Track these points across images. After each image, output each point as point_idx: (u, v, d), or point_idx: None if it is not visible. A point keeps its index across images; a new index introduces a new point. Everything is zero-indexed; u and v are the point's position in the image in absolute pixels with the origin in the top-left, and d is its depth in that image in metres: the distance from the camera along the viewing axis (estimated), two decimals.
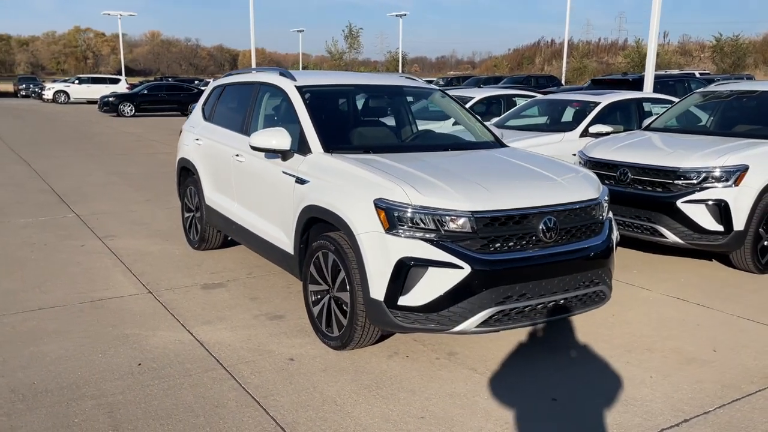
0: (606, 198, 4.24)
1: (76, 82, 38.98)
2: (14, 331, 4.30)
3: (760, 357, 4.10)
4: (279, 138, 4.39)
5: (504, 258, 3.61)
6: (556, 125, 8.77)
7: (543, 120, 9.53)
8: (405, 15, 49.21)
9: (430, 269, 3.53)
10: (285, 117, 4.88)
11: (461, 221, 3.57)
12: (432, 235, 3.55)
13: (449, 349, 4.12)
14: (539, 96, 10.38)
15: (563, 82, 37.50)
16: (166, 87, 30.51)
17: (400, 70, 51.15)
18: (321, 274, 4.13)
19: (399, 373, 3.78)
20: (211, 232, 6.08)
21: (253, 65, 26.81)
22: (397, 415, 3.31)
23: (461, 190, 3.69)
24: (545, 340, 4.33)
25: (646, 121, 7.59)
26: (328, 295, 4.09)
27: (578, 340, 4.32)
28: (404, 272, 3.54)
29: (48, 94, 38.35)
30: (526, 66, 57.77)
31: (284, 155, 4.51)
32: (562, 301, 3.86)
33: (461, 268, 3.51)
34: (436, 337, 4.26)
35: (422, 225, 3.56)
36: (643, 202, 5.93)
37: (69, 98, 38.02)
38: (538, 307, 3.77)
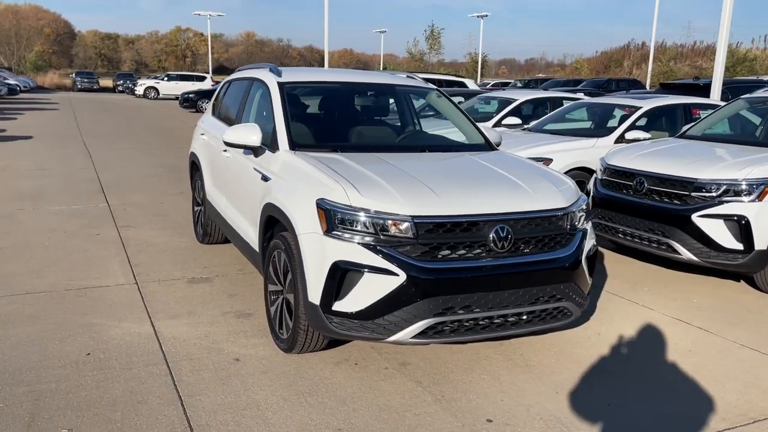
0: (582, 208, 3.93)
1: (165, 78, 40.72)
2: None
3: (747, 391, 3.68)
4: (249, 134, 4.34)
5: (445, 267, 3.40)
6: (597, 130, 8.32)
7: (586, 124, 9.09)
8: (486, 16, 48.54)
9: (366, 275, 3.37)
10: (267, 113, 4.83)
11: (401, 226, 3.39)
12: (370, 239, 3.39)
13: (403, 359, 3.93)
14: (585, 99, 9.89)
15: (647, 86, 35.86)
16: None
17: (479, 72, 50.49)
18: (276, 274, 4.04)
19: (339, 381, 3.64)
20: (213, 226, 6.12)
21: (326, 65, 27.11)
22: (315, 426, 3.18)
23: (407, 193, 3.50)
24: (511, 355, 4.06)
25: (685, 128, 7.06)
26: (282, 296, 4.00)
27: (544, 358, 4.03)
28: (339, 276, 3.40)
29: (139, 90, 40.28)
30: (614, 69, 55.60)
31: (255, 152, 4.46)
32: (514, 317, 3.61)
33: (396, 275, 3.33)
34: (394, 346, 4.08)
35: (361, 228, 3.41)
36: (658, 214, 5.50)
37: (158, 94, 39.74)
38: (486, 321, 3.53)
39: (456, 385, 3.65)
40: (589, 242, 3.95)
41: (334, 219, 3.44)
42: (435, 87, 5.42)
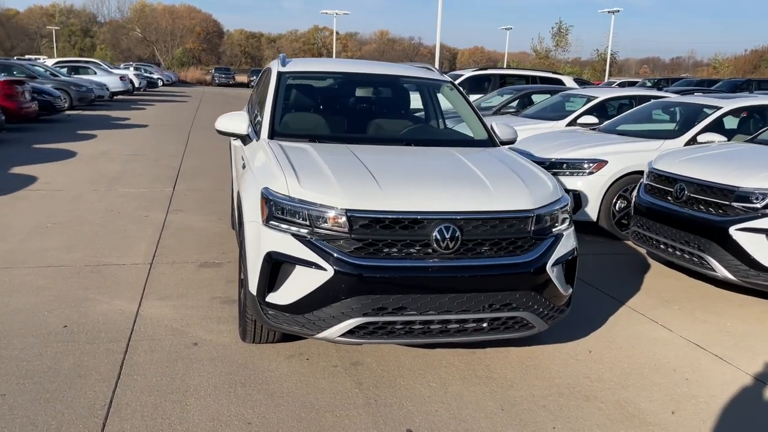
0: (556, 210, 3.59)
1: None
2: (8, 283, 4.81)
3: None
4: (236, 122, 4.37)
5: (377, 264, 3.22)
6: (668, 131, 7.61)
7: (665, 126, 8.36)
8: (618, 11, 46.02)
9: (297, 268, 3.27)
10: (263, 102, 4.85)
11: (336, 219, 3.25)
12: (305, 231, 3.28)
13: (357, 359, 3.78)
14: (671, 98, 9.07)
15: None
16: None
17: (607, 71, 48.06)
18: (240, 263, 4.04)
19: (279, 375, 3.56)
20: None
21: (437, 61, 26.96)
22: (227, 417, 3.13)
23: (348, 186, 3.36)
24: (476, 365, 3.79)
25: (760, 132, 6.27)
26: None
27: (510, 371, 3.72)
28: (272, 268, 3.33)
29: None
30: (765, 68, 50.82)
31: (243, 140, 4.48)
32: (458, 324, 3.36)
33: (324, 270, 3.20)
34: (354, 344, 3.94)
35: (296, 219, 3.31)
36: (694, 225, 4.92)
37: None
38: (424, 325, 3.31)
39: (398, 390, 3.46)
40: (564, 248, 3.60)
41: (272, 209, 3.37)
42: (449, 80, 5.17)
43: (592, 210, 6.87)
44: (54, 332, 3.98)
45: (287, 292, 3.31)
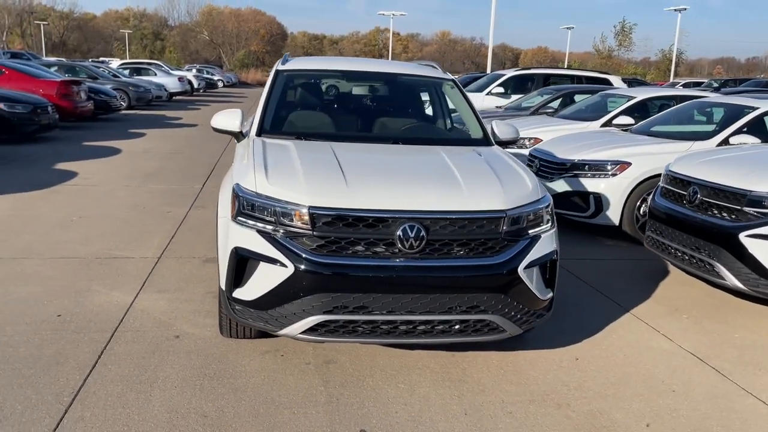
0: (532, 211, 3.48)
1: None
2: (19, 272, 5.00)
3: None
4: (230, 120, 4.42)
5: (338, 262, 3.19)
6: (699, 133, 7.27)
7: (703, 127, 7.99)
8: (684, 10, 44.33)
9: (261, 264, 3.28)
10: None
11: (299, 216, 3.24)
12: (269, 228, 3.29)
13: (331, 357, 3.76)
14: (711, 97, 8.65)
15: None
16: None
17: (672, 71, 46.34)
18: None
19: (249, 370, 3.58)
20: None
21: (488, 62, 26.67)
22: (186, 410, 3.16)
23: (315, 183, 3.35)
24: (451, 368, 3.70)
25: None
26: None
27: (485, 375, 3.62)
28: (237, 263, 3.35)
29: None
30: None
31: (236, 137, 4.52)
32: (423, 325, 3.29)
33: (285, 266, 3.20)
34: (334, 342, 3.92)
35: (262, 215, 3.32)
36: (705, 230, 4.67)
37: None
38: (388, 325, 3.26)
39: (363, 390, 3.42)
40: (542, 250, 3.48)
41: (241, 204, 3.39)
42: (451, 78, 5.08)
43: (614, 213, 6.63)
44: (47, 321, 4.11)
45: (252, 288, 3.32)
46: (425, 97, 5.25)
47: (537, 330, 4.15)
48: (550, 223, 3.61)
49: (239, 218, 3.37)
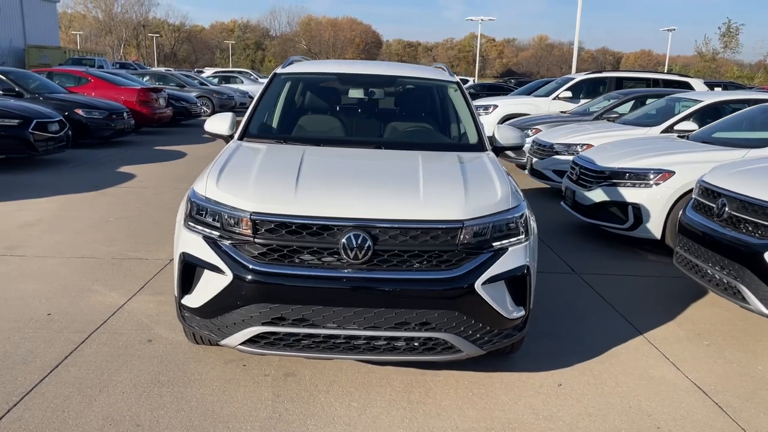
0: (497, 222, 3.19)
1: None
2: (35, 270, 5.18)
3: None
4: (220, 123, 4.39)
5: (277, 272, 3.04)
6: (759, 140, 6.58)
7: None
8: None
9: (206, 271, 3.18)
10: None
11: (241, 222, 3.12)
12: (215, 234, 3.19)
13: (293, 370, 3.61)
14: None
15: None
16: (487, 87, 31.21)
17: None
18: None
19: (205, 380, 3.48)
20: None
21: (573, 65, 25.70)
22: (122, 417, 3.09)
23: (262, 188, 3.23)
24: (415, 388, 3.46)
25: None
26: None
27: (447, 398, 3.35)
28: (184, 269, 3.27)
29: None
30: None
31: (225, 140, 4.48)
32: (367, 341, 3.08)
33: (224, 274, 3.09)
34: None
35: (209, 221, 3.22)
36: (730, 248, 4.17)
37: None
38: (330, 340, 3.08)
39: (312, 407, 3.25)
40: (508, 265, 3.18)
41: (191, 209, 3.32)
42: (455, 81, 4.81)
43: (655, 226, 6.11)
44: (35, 319, 4.21)
45: (198, 295, 3.22)
46: (427, 100, 5.01)
47: (524, 350, 3.85)
48: (523, 235, 3.30)
49: (189, 223, 3.30)
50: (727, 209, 4.31)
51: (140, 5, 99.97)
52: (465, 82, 40.13)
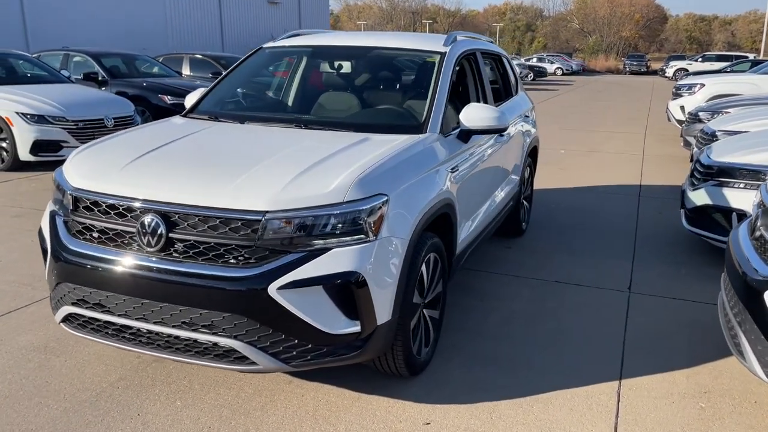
0: (317, 217, 2.64)
1: (700, 59, 37.55)
2: None
3: None
4: (192, 97, 4.32)
5: (81, 251, 2.90)
6: None
7: None
8: None
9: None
10: None
11: (66, 197, 3.05)
12: (57, 207, 3.16)
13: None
14: None
15: None
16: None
17: None
18: None
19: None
20: None
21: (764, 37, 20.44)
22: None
23: (93, 164, 3.15)
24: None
25: None
26: None
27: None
28: (40, 242, 3.28)
29: (669, 72, 38.54)
30: None
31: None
32: (158, 337, 2.79)
33: (47, 250, 3.05)
34: None
35: (56, 196, 3.21)
36: (741, 280, 2.91)
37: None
38: (129, 331, 2.86)
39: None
40: (327, 269, 2.61)
41: (55, 184, 3.32)
42: (438, 51, 4.00)
43: None
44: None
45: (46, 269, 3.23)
46: (392, 76, 4.32)
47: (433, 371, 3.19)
48: (365, 235, 2.68)
49: (54, 198, 3.30)
50: (759, 224, 3.03)
51: None
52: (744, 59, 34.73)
